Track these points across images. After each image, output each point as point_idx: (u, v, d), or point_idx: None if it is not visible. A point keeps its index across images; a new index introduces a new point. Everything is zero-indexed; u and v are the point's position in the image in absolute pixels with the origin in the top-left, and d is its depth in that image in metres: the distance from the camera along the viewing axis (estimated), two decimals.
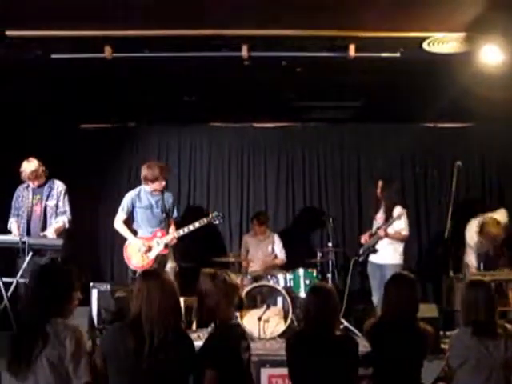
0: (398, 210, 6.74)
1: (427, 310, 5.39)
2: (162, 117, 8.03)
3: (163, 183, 6.49)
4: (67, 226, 6.28)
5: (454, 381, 3.57)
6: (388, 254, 6.70)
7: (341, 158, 8.46)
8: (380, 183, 6.91)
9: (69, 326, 3.12)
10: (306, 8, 5.00)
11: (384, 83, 6.64)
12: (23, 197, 6.29)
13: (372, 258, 6.82)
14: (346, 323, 6.54)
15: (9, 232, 6.15)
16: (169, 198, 6.63)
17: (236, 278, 3.56)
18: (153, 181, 6.41)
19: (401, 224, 6.70)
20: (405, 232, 6.74)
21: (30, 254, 5.71)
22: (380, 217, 6.89)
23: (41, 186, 6.30)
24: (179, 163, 8.41)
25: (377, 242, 6.77)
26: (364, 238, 6.98)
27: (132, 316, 2.93)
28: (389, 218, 6.72)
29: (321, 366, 3.46)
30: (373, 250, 6.78)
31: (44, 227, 6.20)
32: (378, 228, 6.78)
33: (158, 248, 6.40)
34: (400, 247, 6.74)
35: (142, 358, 2.82)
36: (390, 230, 6.70)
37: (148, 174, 6.40)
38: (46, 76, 6.34)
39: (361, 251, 6.94)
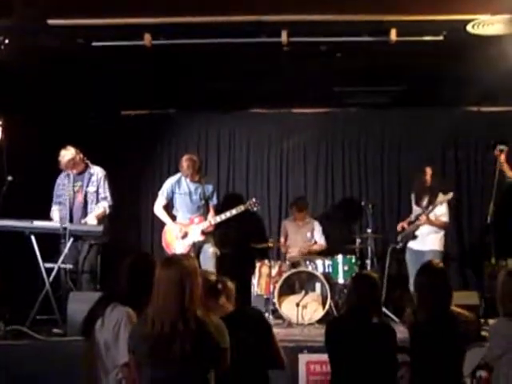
0: (440, 196, 6.66)
1: (468, 297, 5.34)
2: (202, 103, 8.05)
3: (196, 178, 6.57)
4: (108, 211, 6.33)
5: (494, 371, 3.53)
6: (429, 241, 6.64)
7: (381, 143, 8.36)
8: (429, 170, 6.81)
9: (117, 311, 3.28)
10: None
11: (426, 67, 6.53)
12: (64, 185, 6.35)
13: (411, 244, 6.75)
14: (384, 309, 6.50)
15: (51, 219, 6.21)
16: (209, 185, 6.70)
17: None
18: (186, 175, 6.55)
19: (442, 210, 6.62)
20: (445, 218, 6.67)
21: (71, 239, 5.80)
22: (424, 204, 6.79)
23: (80, 173, 6.36)
24: (219, 150, 8.42)
25: (417, 228, 6.70)
26: (401, 226, 6.92)
27: (152, 305, 2.89)
28: (431, 204, 6.64)
29: (359, 352, 3.47)
30: (412, 236, 6.71)
31: (86, 214, 6.27)
32: (419, 214, 6.70)
33: (194, 234, 6.46)
34: (440, 234, 6.68)
35: (156, 349, 2.78)
36: (431, 216, 6.63)
37: (182, 167, 6.54)
38: (88, 63, 6.42)
39: (399, 238, 6.88)
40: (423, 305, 3.61)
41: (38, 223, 5.82)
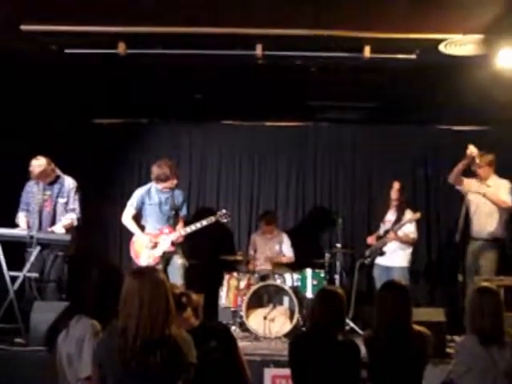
0: (408, 213, 6.72)
1: (434, 314, 5.37)
2: (175, 114, 8.03)
3: (175, 181, 6.50)
4: (75, 223, 6.26)
5: None
6: (396, 257, 6.69)
7: (353, 159, 8.39)
8: (397, 185, 6.87)
9: (82, 323, 3.23)
10: (321, 8, 5.00)
11: (399, 85, 6.60)
12: (33, 192, 6.26)
13: (379, 260, 6.80)
14: (352, 325, 6.52)
15: (17, 226, 6.10)
16: (179, 195, 6.65)
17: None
18: (164, 180, 6.44)
19: (410, 227, 6.68)
20: (413, 235, 6.73)
21: (38, 248, 5.71)
22: (389, 219, 6.86)
23: (51, 183, 6.28)
24: (190, 161, 8.40)
25: (385, 244, 6.74)
26: (371, 240, 6.96)
27: (120, 317, 2.82)
28: (399, 221, 6.69)
29: (322, 369, 3.45)
30: (380, 252, 6.75)
31: (54, 224, 6.19)
32: (387, 231, 6.75)
33: (164, 245, 6.40)
34: (408, 250, 6.73)
35: (130, 361, 2.73)
36: (400, 233, 6.68)
37: (159, 173, 6.41)
38: (61, 71, 6.35)
39: (367, 253, 6.92)
40: (383, 322, 3.61)
41: (3, 230, 5.73)
